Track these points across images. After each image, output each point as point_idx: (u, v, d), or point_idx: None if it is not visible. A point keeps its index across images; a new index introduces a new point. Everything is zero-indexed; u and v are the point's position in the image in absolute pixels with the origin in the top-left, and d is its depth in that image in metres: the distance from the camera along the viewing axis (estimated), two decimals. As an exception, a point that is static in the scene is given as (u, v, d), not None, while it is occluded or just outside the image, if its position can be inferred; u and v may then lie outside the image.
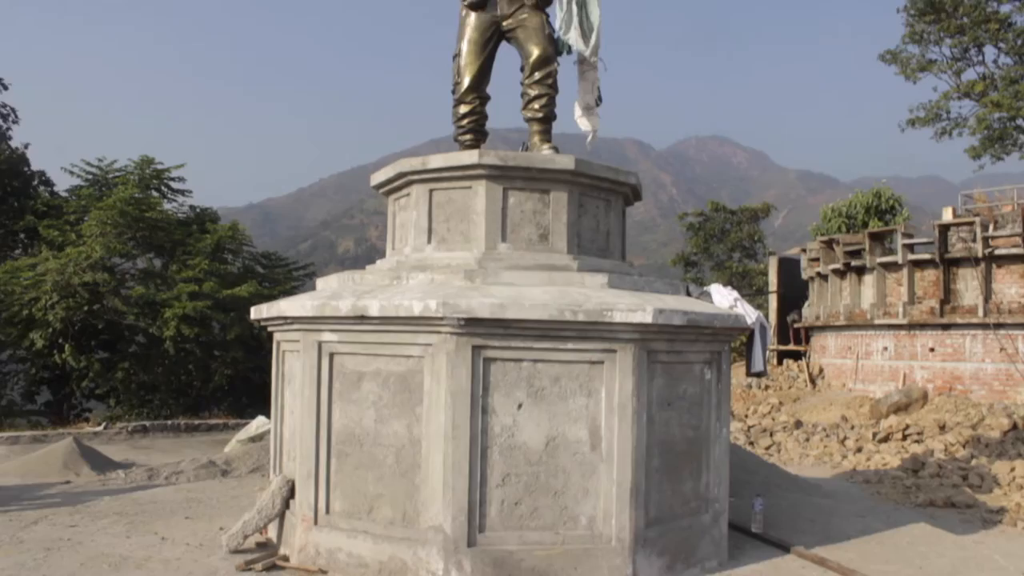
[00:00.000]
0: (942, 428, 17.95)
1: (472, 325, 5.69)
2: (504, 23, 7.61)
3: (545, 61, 7.48)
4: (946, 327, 21.97)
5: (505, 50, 7.83)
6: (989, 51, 33.02)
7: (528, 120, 7.57)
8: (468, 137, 7.67)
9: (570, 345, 5.86)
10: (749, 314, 7.02)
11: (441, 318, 5.66)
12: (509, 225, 6.71)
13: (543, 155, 6.99)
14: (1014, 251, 21.12)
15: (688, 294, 7.24)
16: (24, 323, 19.80)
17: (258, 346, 20.54)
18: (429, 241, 6.91)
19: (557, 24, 7.75)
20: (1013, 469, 13.52)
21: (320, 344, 6.38)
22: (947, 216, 24.25)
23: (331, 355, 6.36)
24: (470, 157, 6.69)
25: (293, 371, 6.90)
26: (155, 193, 23.20)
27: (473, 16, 7.60)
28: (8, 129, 25.51)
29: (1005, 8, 32.11)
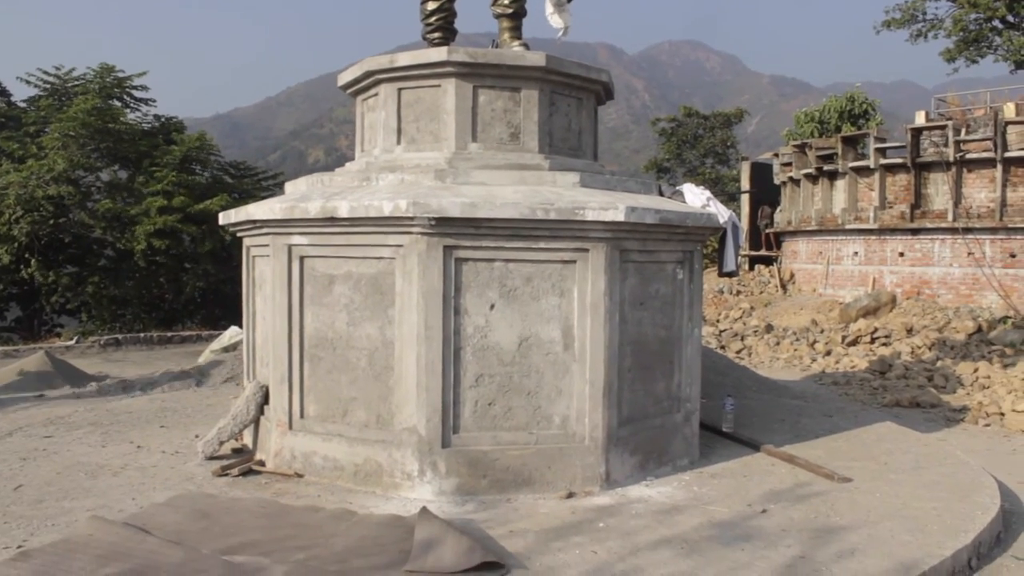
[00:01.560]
0: (909, 331, 18.27)
1: (443, 225, 5.61)
2: (472, -86, 7.32)
3: (515, -46, 7.22)
4: (915, 232, 22.16)
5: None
6: (967, -52, 32.47)
7: (498, 16, 7.34)
8: (437, 35, 7.43)
9: (542, 244, 5.80)
10: (721, 213, 6.98)
11: (411, 218, 5.57)
12: (479, 124, 6.56)
13: (514, 52, 6.80)
14: (985, 155, 21.19)
15: (660, 194, 7.18)
16: (-12, 238, 19.44)
17: (229, 258, 20.36)
18: (399, 142, 6.76)
19: (527, -84, 7.43)
20: (976, 370, 13.84)
21: (290, 248, 6.28)
22: (920, 120, 24.18)
23: (301, 259, 6.27)
24: (439, 54, 6.49)
25: (264, 276, 6.81)
26: (117, 103, 22.56)
27: (440, -93, 7.30)
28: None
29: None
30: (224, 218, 7.27)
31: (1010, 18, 31.05)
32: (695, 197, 7.03)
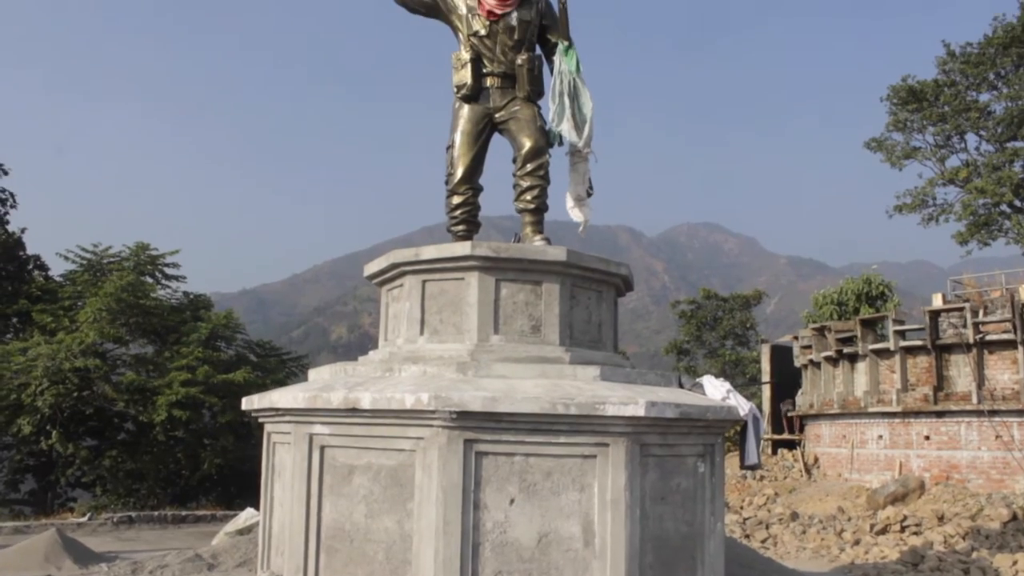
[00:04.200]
0: (940, 519, 17.72)
1: (464, 419, 5.64)
2: (497, 115, 7.71)
3: (537, 153, 7.58)
4: (940, 414, 21.88)
5: (497, 138, 7.94)
6: (971, 139, 33.83)
7: (520, 211, 7.63)
8: (461, 228, 7.71)
9: (562, 439, 5.80)
10: (742, 406, 6.98)
11: (433, 411, 5.61)
12: (501, 316, 6.70)
13: (535, 247, 7.03)
14: (1005, 337, 21.20)
15: (680, 386, 7.21)
16: (12, 409, 19.64)
17: (248, 434, 20.37)
18: (422, 332, 6.90)
19: (549, 116, 7.80)
20: (1015, 563, 13.32)
21: (311, 437, 6.31)
22: (937, 302, 24.41)
23: (322, 448, 6.28)
24: (463, 249, 6.72)
25: (283, 463, 6.80)
26: (149, 279, 23.28)
27: (466, 108, 7.71)
28: (6, 214, 25.73)
29: (984, 97, 33.03)
30: (247, 403, 7.34)
31: (1017, 203, 31.87)
32: (715, 389, 7.06)
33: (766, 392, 31.42)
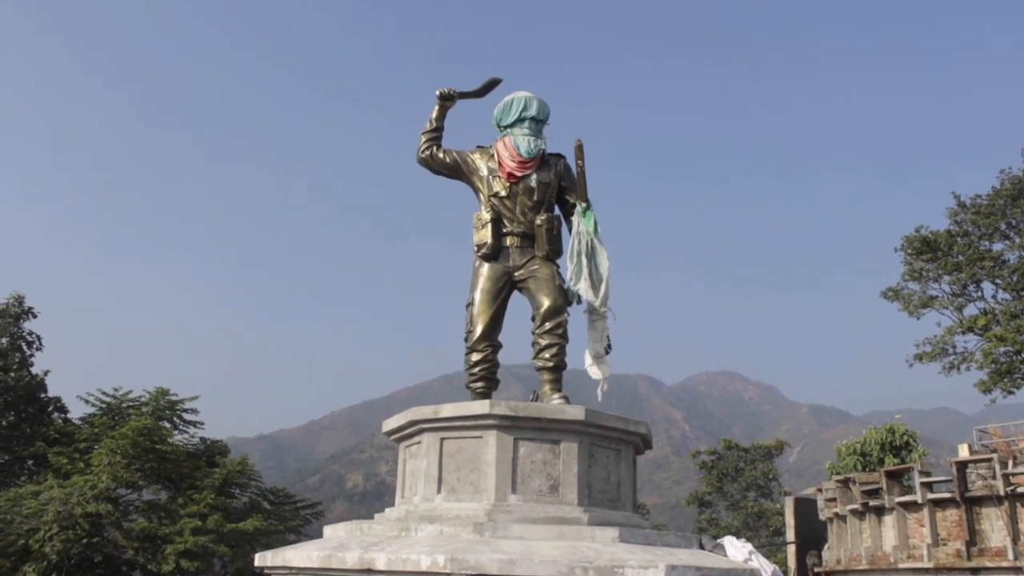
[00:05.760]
0: None
1: (480, 582, 5.54)
2: (516, 273, 7.84)
3: (556, 312, 7.66)
4: (975, 572, 21.07)
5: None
6: (988, 287, 33.92)
7: (539, 369, 7.65)
8: (480, 385, 7.72)
9: (581, 604, 5.66)
10: (764, 568, 6.82)
11: (449, 574, 5.53)
12: (519, 476, 6.66)
13: (553, 406, 7.04)
14: (1037, 489, 20.62)
15: (701, 547, 7.08)
16: (19, 555, 19.28)
17: (259, 586, 19.82)
18: (439, 491, 6.84)
19: (567, 275, 7.94)
20: None
21: (324, 598, 6.19)
22: (963, 452, 23.92)
23: (335, 609, 6.15)
24: (481, 407, 6.75)
25: (295, 624, 6.64)
26: (167, 424, 23.30)
27: (486, 266, 7.84)
28: (31, 356, 26.05)
29: (997, 247, 33.36)
30: (260, 560, 7.24)
31: (1038, 350, 31.60)
32: (736, 551, 6.92)
33: (791, 549, 30.48)
